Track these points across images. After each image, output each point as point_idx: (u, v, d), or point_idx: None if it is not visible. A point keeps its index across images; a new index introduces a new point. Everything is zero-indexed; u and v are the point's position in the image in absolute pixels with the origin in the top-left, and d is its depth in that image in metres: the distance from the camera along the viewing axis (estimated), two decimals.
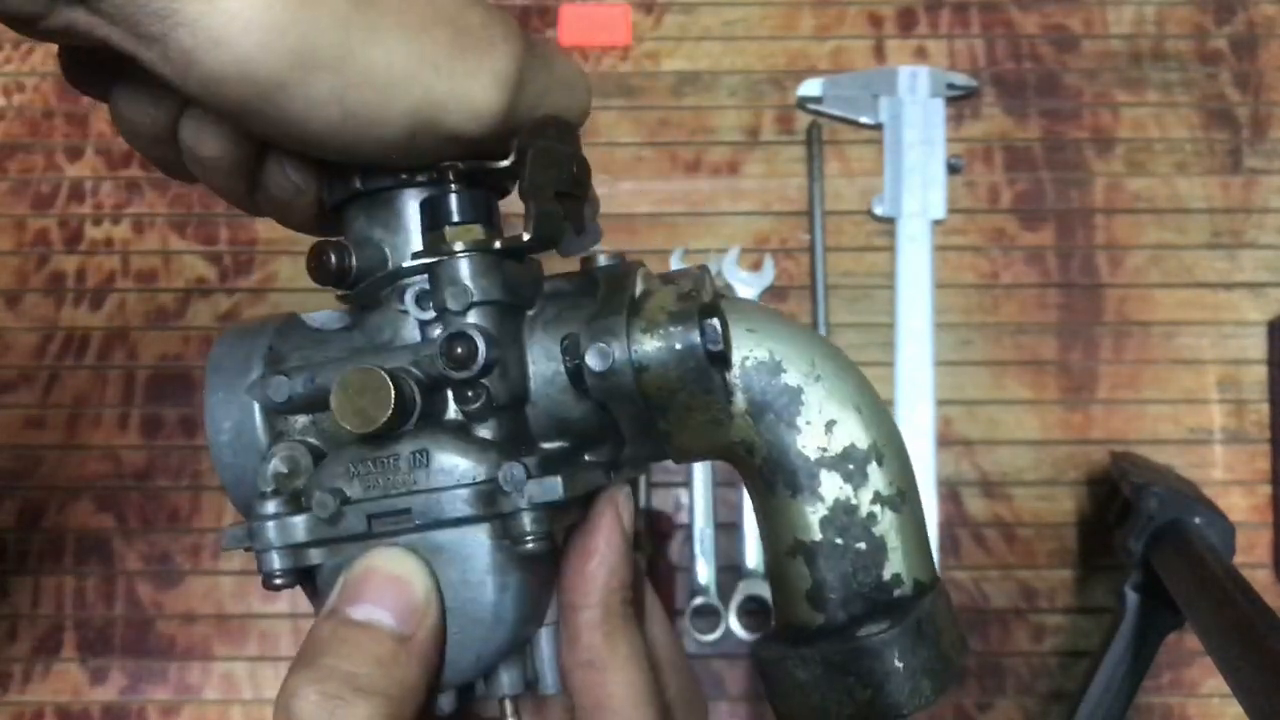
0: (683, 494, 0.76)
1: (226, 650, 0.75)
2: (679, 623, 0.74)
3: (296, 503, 0.33)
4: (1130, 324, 0.78)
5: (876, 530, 0.33)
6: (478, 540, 0.32)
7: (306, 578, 0.34)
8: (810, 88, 0.80)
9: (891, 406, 0.77)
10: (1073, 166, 0.80)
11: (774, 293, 0.78)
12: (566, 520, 0.35)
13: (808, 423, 0.33)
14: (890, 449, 0.34)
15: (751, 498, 0.36)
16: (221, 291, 0.79)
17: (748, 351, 0.34)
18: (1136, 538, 0.66)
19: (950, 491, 0.77)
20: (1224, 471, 0.77)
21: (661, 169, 0.80)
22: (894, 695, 0.32)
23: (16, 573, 0.76)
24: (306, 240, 0.37)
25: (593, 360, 0.32)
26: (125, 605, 0.75)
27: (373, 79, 0.29)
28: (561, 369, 0.34)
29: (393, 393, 0.31)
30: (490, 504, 0.32)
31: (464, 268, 0.33)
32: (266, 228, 0.79)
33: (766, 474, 0.34)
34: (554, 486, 0.31)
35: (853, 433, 0.33)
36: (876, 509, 0.33)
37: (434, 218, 0.34)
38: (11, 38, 0.82)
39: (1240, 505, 0.76)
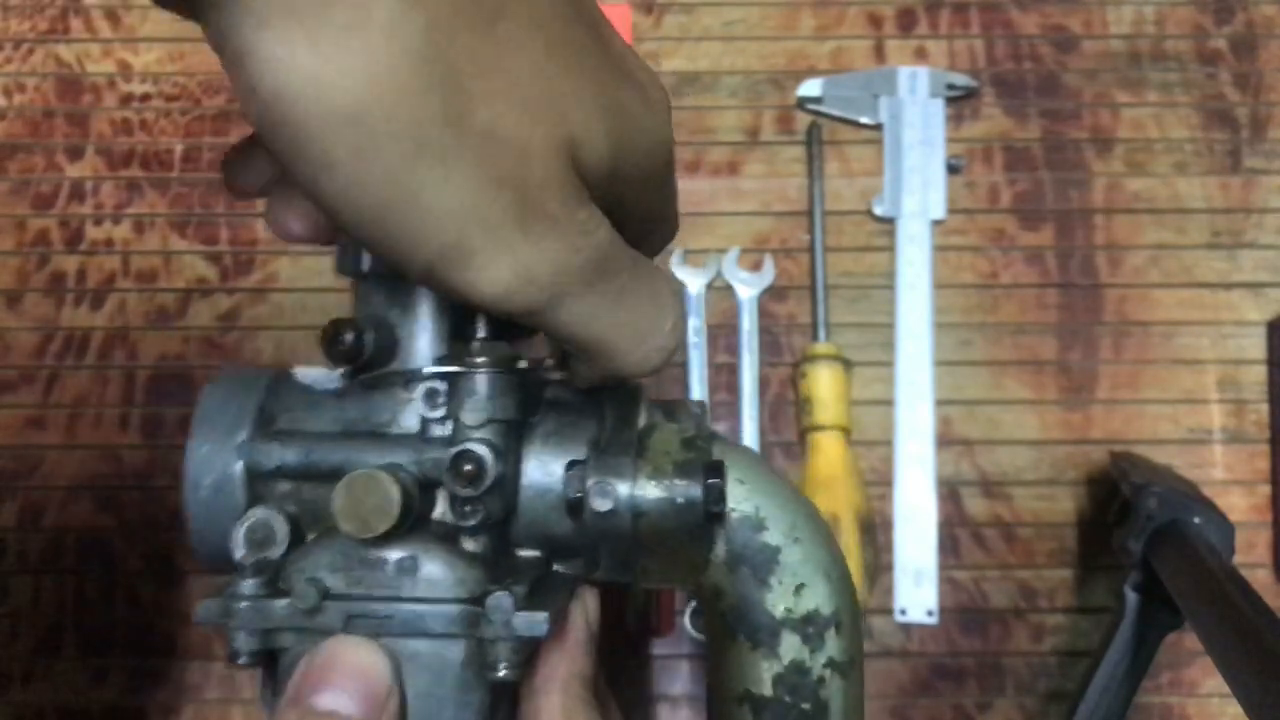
0: None
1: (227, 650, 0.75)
2: (678, 623, 0.74)
3: (274, 585, 0.33)
4: (1130, 324, 0.78)
5: (823, 694, 0.34)
6: (450, 656, 0.32)
7: (270, 658, 0.34)
8: (810, 88, 0.80)
9: (891, 406, 0.77)
10: (1072, 166, 0.80)
11: (774, 293, 0.79)
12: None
13: (779, 582, 0.34)
14: (849, 618, 0.35)
15: (706, 635, 0.37)
16: (222, 291, 0.79)
17: (735, 505, 0.35)
18: (1136, 537, 0.66)
19: (950, 491, 0.77)
20: (1224, 471, 0.77)
21: None
22: None
23: (16, 573, 0.76)
24: None
25: (597, 500, 0.33)
26: (126, 605, 0.76)
27: (419, 204, 0.26)
28: (557, 489, 0.34)
29: (398, 506, 0.31)
30: (473, 625, 0.32)
31: (486, 385, 0.33)
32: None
33: (730, 620, 0.35)
34: (539, 623, 0.31)
35: (819, 598, 0.34)
36: (827, 674, 0.34)
37: (460, 326, 0.34)
38: (11, 38, 0.82)
39: (1240, 505, 0.76)
